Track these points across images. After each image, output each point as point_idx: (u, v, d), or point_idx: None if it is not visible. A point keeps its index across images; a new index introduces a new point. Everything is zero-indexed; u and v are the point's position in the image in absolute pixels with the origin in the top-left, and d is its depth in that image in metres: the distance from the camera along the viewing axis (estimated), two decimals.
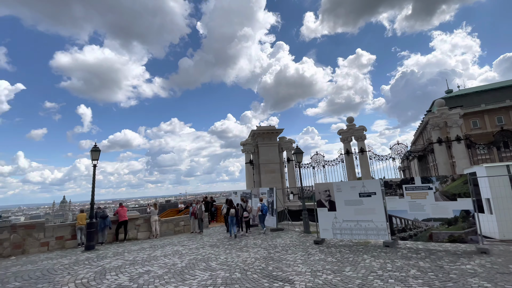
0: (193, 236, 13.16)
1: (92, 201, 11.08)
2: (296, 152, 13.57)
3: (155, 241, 12.41)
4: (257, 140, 21.97)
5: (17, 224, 10.88)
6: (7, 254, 10.41)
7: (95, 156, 11.22)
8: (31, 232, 11.08)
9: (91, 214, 11.04)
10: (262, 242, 10.79)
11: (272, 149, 22.01)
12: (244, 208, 14.99)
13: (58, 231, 11.71)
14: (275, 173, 21.59)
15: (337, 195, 10.19)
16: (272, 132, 22.07)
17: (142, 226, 14.02)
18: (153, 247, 10.84)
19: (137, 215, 14.16)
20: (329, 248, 9.14)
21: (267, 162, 21.60)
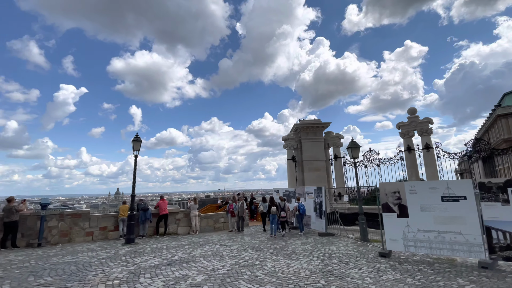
0: (233, 235, 12.17)
1: (133, 192, 10.72)
2: (352, 147, 11.70)
3: (195, 238, 11.69)
4: (300, 135, 20.35)
5: (65, 212, 11.00)
6: (55, 241, 10.52)
7: (136, 146, 10.84)
8: (77, 221, 11.12)
9: (132, 206, 10.67)
10: (313, 248, 9.29)
11: (317, 145, 20.19)
12: (282, 207, 13.59)
13: (102, 222, 11.64)
14: (320, 171, 19.77)
15: (411, 198, 8.21)
16: (317, 126, 20.25)
17: (182, 221, 13.50)
18: (192, 245, 10.05)
19: (177, 209, 13.68)
20: (401, 264, 7.29)
21: (311, 159, 19.87)
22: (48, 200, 10.40)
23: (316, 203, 13.32)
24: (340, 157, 19.77)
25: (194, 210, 13.48)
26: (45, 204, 10.23)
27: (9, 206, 9.75)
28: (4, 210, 9.61)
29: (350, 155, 11.89)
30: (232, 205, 13.12)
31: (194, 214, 13.39)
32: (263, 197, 19.76)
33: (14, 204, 9.95)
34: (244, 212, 13.17)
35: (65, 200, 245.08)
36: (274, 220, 13.22)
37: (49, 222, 10.57)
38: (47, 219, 10.50)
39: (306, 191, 14.33)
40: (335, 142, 20.18)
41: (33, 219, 10.27)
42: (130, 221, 10.29)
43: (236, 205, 13.26)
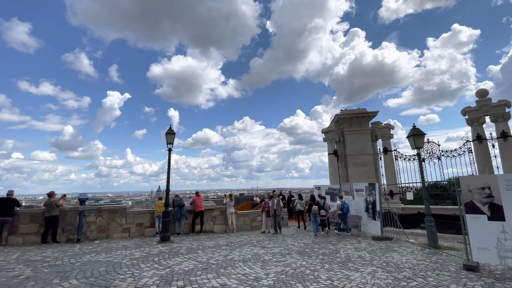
0: (273, 236, 11.01)
1: (167, 188, 10.14)
2: (415, 135, 9.77)
3: (232, 237, 10.79)
4: (343, 127, 18.45)
5: (103, 208, 10.84)
6: (93, 237, 10.38)
7: (169, 139, 10.24)
8: (114, 217, 10.90)
9: (166, 202, 10.08)
10: (372, 256, 7.74)
11: (363, 137, 18.12)
12: (322, 205, 12.29)
13: (139, 218, 11.31)
14: (367, 167, 17.69)
15: (508, 196, 6.27)
16: (363, 116, 18.16)
17: (219, 218, 12.73)
18: (230, 245, 9.12)
19: (213, 206, 12.96)
20: (501, 281, 5.48)
21: (356, 153, 17.89)
22: (86, 195, 10.28)
23: (368, 202, 11.58)
24: (390, 150, 17.50)
25: (230, 207, 12.62)
26: (83, 199, 10.11)
27: (50, 201, 9.76)
28: (45, 204, 9.63)
29: (412, 144, 9.96)
30: (268, 203, 11.94)
31: (230, 211, 12.53)
32: (299, 194, 18.36)
33: (54, 199, 9.96)
34: (282, 210, 11.90)
35: (114, 196, 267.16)
36: (316, 220, 11.82)
37: (88, 218, 10.46)
38: (86, 214, 10.40)
39: (355, 188, 12.61)
40: (384, 133, 17.90)
41: (72, 214, 10.22)
42: (165, 218, 9.71)
43: (271, 202, 11.96)
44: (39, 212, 9.82)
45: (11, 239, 9.26)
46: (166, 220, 9.65)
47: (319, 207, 12.69)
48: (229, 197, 12.99)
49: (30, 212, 9.78)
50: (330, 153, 17.97)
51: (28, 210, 9.86)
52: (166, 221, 9.63)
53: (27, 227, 9.59)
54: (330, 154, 17.98)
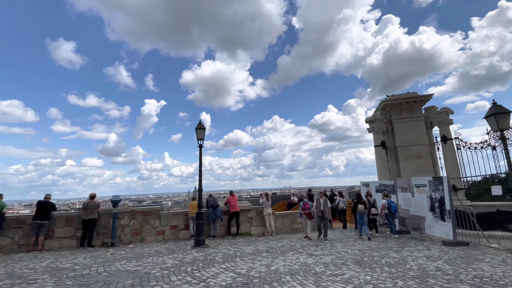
0: (319, 241, 9.61)
1: (199, 187, 9.30)
2: (497, 113, 7.71)
3: (271, 241, 9.63)
4: (391, 114, 16.28)
5: (136, 210, 10.39)
6: (128, 240, 9.94)
7: (200, 134, 9.40)
8: (148, 219, 10.39)
9: (199, 203, 9.23)
10: (454, 268, 6.03)
11: (416, 125, 15.79)
12: (372, 203, 11.14)
13: (172, 220, 10.69)
14: (422, 159, 15.36)
15: None
16: (414, 100, 15.83)
17: (255, 220, 11.67)
18: (271, 251, 7.96)
19: (249, 206, 11.92)
20: None
21: (408, 144, 15.64)
22: (119, 197, 9.88)
23: (434, 200, 9.62)
24: (451, 138, 14.98)
25: (267, 207, 11.48)
26: (116, 201, 9.71)
27: (94, 203, 9.51)
28: (87, 207, 9.37)
29: (494, 125, 7.90)
30: (307, 204, 10.35)
31: (267, 212, 11.38)
32: (339, 191, 16.59)
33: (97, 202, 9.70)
34: (329, 211, 10.27)
35: (155, 198, 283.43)
36: (363, 220, 10.52)
37: (122, 220, 10.06)
38: (119, 217, 10.01)
39: (415, 183, 10.66)
40: (442, 119, 15.40)
41: (106, 217, 9.88)
42: (198, 220, 8.86)
43: (317, 202, 10.30)
44: (74, 215, 9.62)
45: (47, 243, 9.14)
46: (200, 222, 8.80)
47: (369, 206, 11.12)
48: (265, 197, 11.86)
49: (65, 215, 9.61)
50: (377, 145, 15.92)
51: (64, 214, 9.73)
52: (199, 223, 8.78)
53: (63, 231, 9.41)
54: (377, 146, 15.94)
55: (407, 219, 11.05)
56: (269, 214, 11.40)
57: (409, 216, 10.92)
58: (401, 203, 11.36)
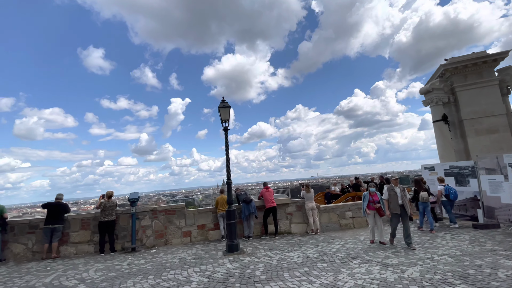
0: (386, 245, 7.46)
1: (228, 179, 7.52)
2: None
3: (320, 243, 7.70)
4: (453, 81, 13.31)
5: (157, 208, 9.00)
6: (150, 244, 8.60)
7: (224, 114, 7.59)
8: (171, 219, 8.97)
9: (229, 198, 7.48)
10: None
11: (487, 91, 12.72)
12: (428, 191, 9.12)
13: (199, 218, 9.16)
14: (497, 133, 12.36)
15: None
16: (484, 61, 12.72)
17: (296, 216, 9.78)
18: (327, 259, 6.04)
19: (287, 199, 10.05)
20: None
21: (478, 116, 12.67)
22: (137, 195, 8.52)
23: None
24: None
25: (309, 200, 9.52)
26: (134, 200, 8.35)
27: (112, 203, 8.31)
28: (105, 208, 8.15)
29: None
30: (376, 195, 7.55)
31: (310, 206, 9.43)
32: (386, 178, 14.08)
33: (114, 201, 8.48)
34: (410, 206, 7.43)
35: (186, 192, 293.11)
36: (427, 210, 8.74)
37: (142, 221, 8.73)
38: (140, 217, 8.68)
39: (508, 162, 8.03)
40: None
41: (125, 218, 8.60)
42: (229, 220, 7.15)
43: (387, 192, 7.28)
44: (90, 216, 8.44)
45: (63, 249, 8.05)
46: (231, 222, 7.09)
47: (428, 193, 9.00)
48: (306, 188, 9.88)
49: (80, 217, 8.46)
50: (437, 120, 13.11)
51: (78, 215, 8.60)
52: (231, 224, 7.07)
53: (79, 235, 8.28)
54: (437, 121, 13.13)
55: (496, 209, 8.47)
56: (312, 208, 9.45)
57: (500, 205, 8.35)
58: (486, 189, 8.77)
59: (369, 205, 7.56)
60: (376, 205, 7.45)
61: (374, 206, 7.47)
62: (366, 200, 7.63)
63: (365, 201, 7.63)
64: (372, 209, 7.52)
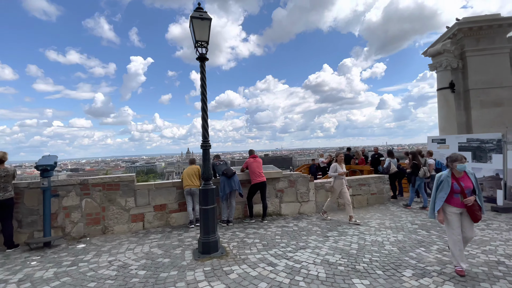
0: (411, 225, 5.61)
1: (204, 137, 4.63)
2: None
3: (327, 230, 5.63)
4: (464, 44, 11.62)
5: (90, 181, 5.97)
6: (79, 234, 5.72)
7: (200, 32, 4.40)
8: (113, 196, 6.07)
9: (206, 171, 4.68)
10: None
11: (497, 60, 11.31)
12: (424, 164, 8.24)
13: (157, 196, 6.40)
14: (502, 106, 11.22)
15: None
16: (500, 25, 11.11)
17: (287, 194, 7.58)
18: (359, 267, 3.92)
19: (278, 172, 7.71)
20: None
21: (485, 86, 11.32)
22: (53, 160, 5.35)
23: None
24: None
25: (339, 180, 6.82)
26: (45, 167, 5.16)
27: (6, 171, 5.05)
28: None
29: None
30: (467, 177, 3.81)
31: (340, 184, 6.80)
32: (389, 150, 12.47)
33: (9, 169, 5.20)
34: None
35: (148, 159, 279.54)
36: (421, 186, 8.24)
37: (65, 200, 5.71)
38: (60, 195, 5.65)
39: None
40: None
41: (35, 194, 5.48)
42: (205, 204, 4.49)
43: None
44: None
45: None
46: (208, 209, 4.46)
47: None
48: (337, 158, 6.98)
49: None
50: (443, 88, 11.49)
51: None
52: (208, 211, 4.45)
53: None
54: (442, 89, 11.51)
55: None
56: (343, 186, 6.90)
57: None
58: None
59: (452, 198, 3.77)
60: (469, 199, 3.65)
61: (464, 202, 3.67)
62: (444, 188, 3.79)
63: (442, 190, 3.81)
64: (459, 206, 3.73)
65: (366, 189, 8.80)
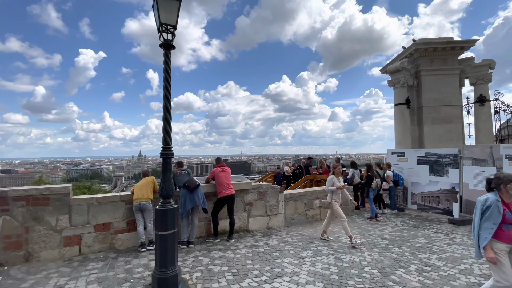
0: None
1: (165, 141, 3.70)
2: None
3: (301, 249, 5.12)
4: (420, 64, 12.48)
5: (9, 193, 4.57)
6: None
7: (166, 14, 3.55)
8: (41, 214, 4.76)
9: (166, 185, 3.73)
10: None
11: (448, 80, 12.34)
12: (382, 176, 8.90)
13: (100, 213, 5.21)
14: (451, 123, 12.21)
15: None
16: (452, 47, 12.16)
17: (256, 207, 6.97)
18: None
19: (248, 183, 7.01)
20: None
21: (436, 104, 12.24)
22: None
23: None
24: (489, 100, 12.00)
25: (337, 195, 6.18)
26: None
27: None
28: None
29: None
30: None
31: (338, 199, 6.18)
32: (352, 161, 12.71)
33: None
34: None
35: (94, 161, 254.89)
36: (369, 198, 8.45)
37: None
38: None
39: (506, 153, 7.05)
40: (482, 75, 12.24)
41: None
42: (163, 228, 3.53)
43: None
44: None
45: None
46: (166, 234, 3.53)
47: (381, 179, 8.64)
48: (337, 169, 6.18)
49: None
50: (399, 103, 12.10)
51: None
52: (165, 237, 3.51)
53: None
54: (398, 104, 12.12)
55: None
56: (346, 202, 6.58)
57: None
58: (469, 181, 7.81)
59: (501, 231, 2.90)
60: None
61: None
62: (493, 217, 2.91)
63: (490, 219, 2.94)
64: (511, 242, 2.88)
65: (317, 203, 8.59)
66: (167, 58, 3.71)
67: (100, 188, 17.17)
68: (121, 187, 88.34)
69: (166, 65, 3.70)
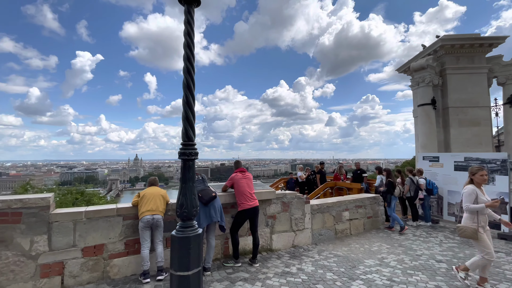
0: None
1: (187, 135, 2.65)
2: None
3: (350, 280, 3.96)
4: (445, 61, 11.53)
5: None
6: None
7: None
8: (10, 233, 3.54)
9: (186, 197, 2.63)
10: None
11: (476, 79, 11.39)
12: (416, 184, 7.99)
13: (90, 232, 4.01)
14: (479, 126, 11.22)
15: None
16: (480, 44, 11.24)
17: (280, 220, 5.81)
18: None
19: (271, 192, 5.85)
20: None
21: (464, 105, 11.25)
22: None
23: None
24: None
25: (483, 216, 3.89)
26: None
27: None
28: None
29: None
30: None
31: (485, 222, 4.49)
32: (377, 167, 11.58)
33: None
34: None
35: (89, 164, 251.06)
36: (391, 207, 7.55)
37: None
38: None
39: None
40: (510, 74, 11.30)
41: None
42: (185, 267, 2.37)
43: None
44: None
45: None
46: (187, 276, 2.38)
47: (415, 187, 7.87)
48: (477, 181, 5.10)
49: None
50: (424, 104, 11.07)
51: None
52: (187, 279, 2.37)
53: None
54: (423, 105, 11.08)
55: None
56: None
57: None
58: None
59: None
60: None
61: None
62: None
63: None
64: None
65: (363, 211, 7.47)
66: (189, 17, 2.58)
67: (94, 193, 15.76)
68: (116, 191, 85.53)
69: (188, 26, 2.57)
